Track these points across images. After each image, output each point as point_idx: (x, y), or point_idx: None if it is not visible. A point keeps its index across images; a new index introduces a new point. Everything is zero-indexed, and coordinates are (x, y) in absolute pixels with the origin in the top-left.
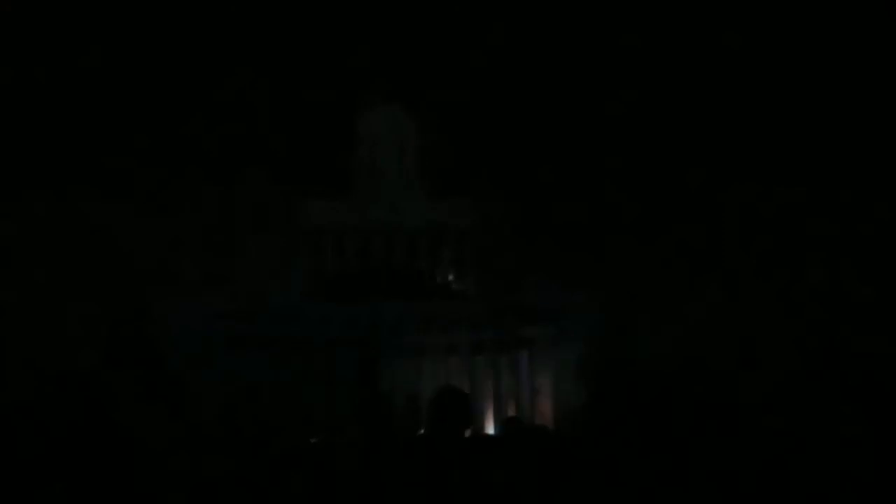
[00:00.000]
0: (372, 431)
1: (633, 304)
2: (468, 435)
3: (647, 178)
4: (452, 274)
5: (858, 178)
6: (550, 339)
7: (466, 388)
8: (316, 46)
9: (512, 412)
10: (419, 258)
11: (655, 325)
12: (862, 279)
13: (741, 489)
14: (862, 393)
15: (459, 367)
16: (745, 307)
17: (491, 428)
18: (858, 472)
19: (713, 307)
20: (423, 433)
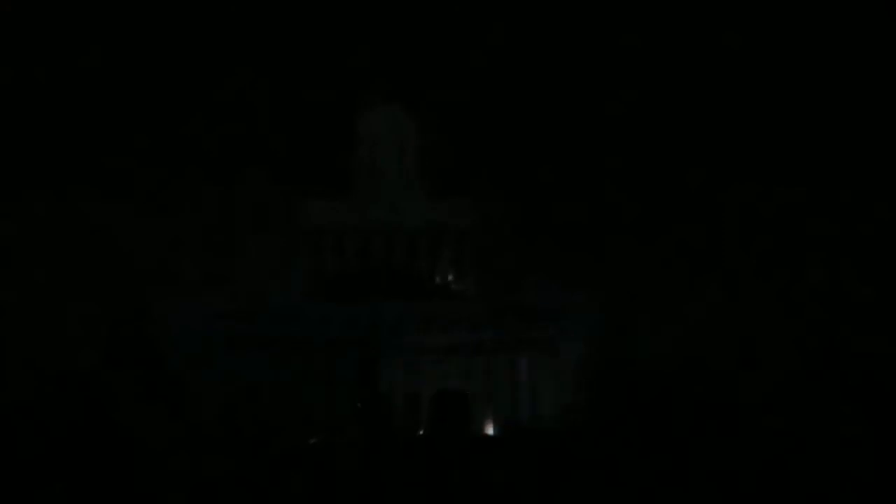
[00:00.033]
0: (372, 431)
1: (633, 304)
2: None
3: (647, 178)
4: (452, 274)
5: (858, 178)
6: (550, 339)
7: (466, 388)
8: (316, 46)
9: (511, 413)
10: (419, 258)
11: (655, 325)
12: (862, 279)
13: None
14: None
15: (459, 367)
16: (745, 307)
17: (490, 428)
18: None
19: (713, 307)
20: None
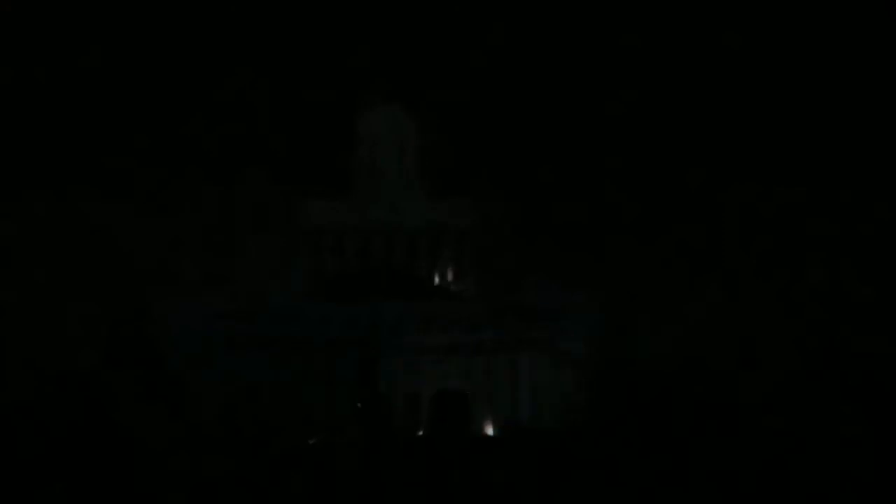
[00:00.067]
0: (372, 431)
1: (633, 304)
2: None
3: (647, 178)
4: (452, 274)
5: (858, 178)
6: (550, 339)
7: (466, 388)
8: (316, 46)
9: (511, 413)
10: (419, 258)
11: (655, 325)
12: (862, 279)
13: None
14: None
15: (459, 367)
16: (745, 307)
17: (490, 428)
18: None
19: (713, 307)
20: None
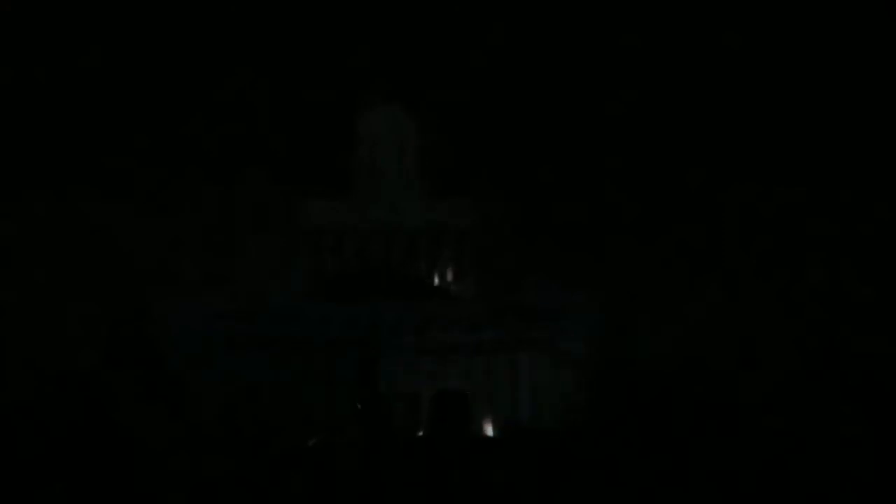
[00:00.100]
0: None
1: (633, 304)
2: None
3: (647, 178)
4: (452, 274)
5: (858, 178)
6: (550, 339)
7: (466, 388)
8: (316, 46)
9: (511, 413)
10: (419, 258)
11: (655, 325)
12: (862, 279)
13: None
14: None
15: (459, 367)
16: (745, 307)
17: (490, 430)
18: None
19: (713, 307)
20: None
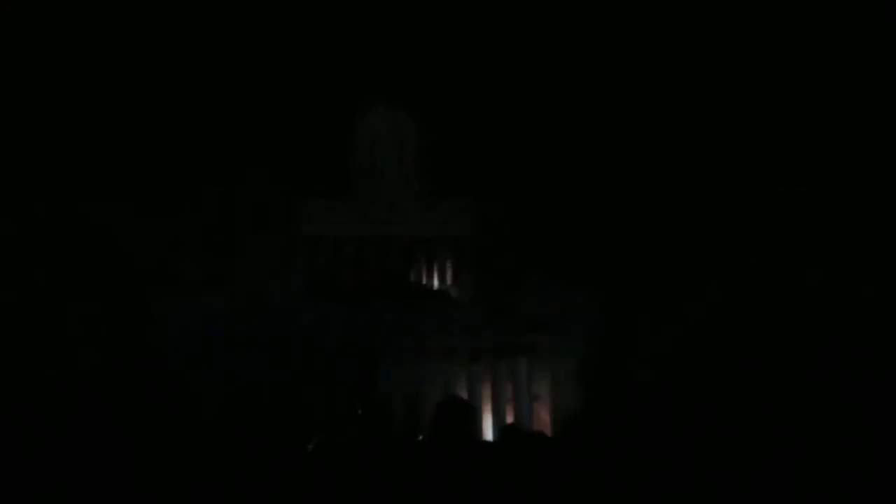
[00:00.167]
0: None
1: (633, 304)
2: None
3: (647, 178)
4: (451, 276)
5: (858, 178)
6: (550, 341)
7: (465, 393)
8: (316, 46)
9: (510, 418)
10: (418, 260)
11: (655, 325)
12: (862, 279)
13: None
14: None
15: (459, 371)
16: (745, 307)
17: (489, 434)
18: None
19: (713, 307)
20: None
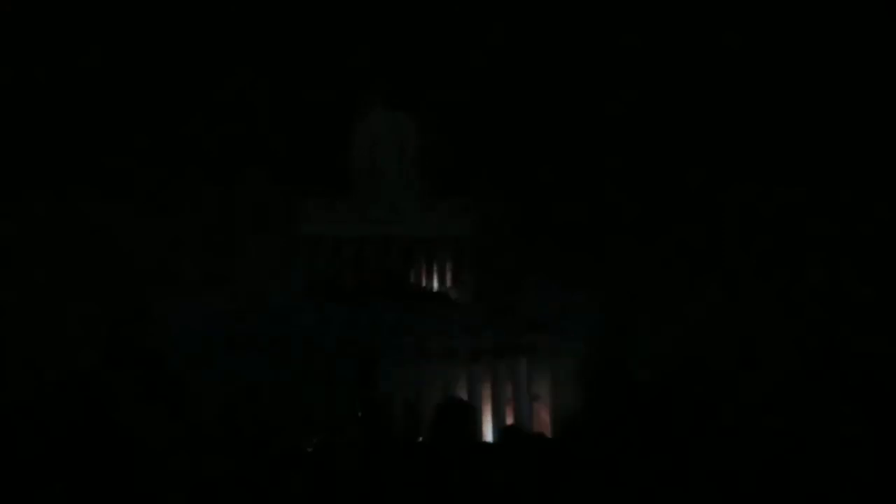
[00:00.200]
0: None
1: (633, 304)
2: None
3: (647, 178)
4: (451, 277)
5: (858, 178)
6: (550, 341)
7: (465, 393)
8: (316, 46)
9: (510, 418)
10: (417, 261)
11: (655, 325)
12: (862, 279)
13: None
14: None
15: (459, 371)
16: (745, 307)
17: (490, 431)
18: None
19: (713, 307)
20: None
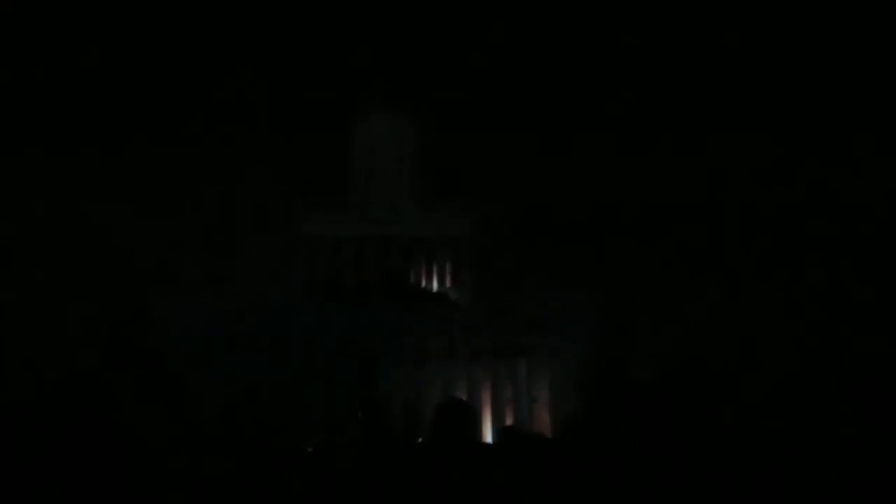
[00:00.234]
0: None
1: (633, 304)
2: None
3: (647, 178)
4: (451, 278)
5: (858, 177)
6: (550, 341)
7: (464, 393)
8: (316, 46)
9: (510, 419)
10: (417, 262)
11: (655, 325)
12: (862, 279)
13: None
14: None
15: (459, 372)
16: (745, 307)
17: (489, 435)
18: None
19: (713, 307)
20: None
